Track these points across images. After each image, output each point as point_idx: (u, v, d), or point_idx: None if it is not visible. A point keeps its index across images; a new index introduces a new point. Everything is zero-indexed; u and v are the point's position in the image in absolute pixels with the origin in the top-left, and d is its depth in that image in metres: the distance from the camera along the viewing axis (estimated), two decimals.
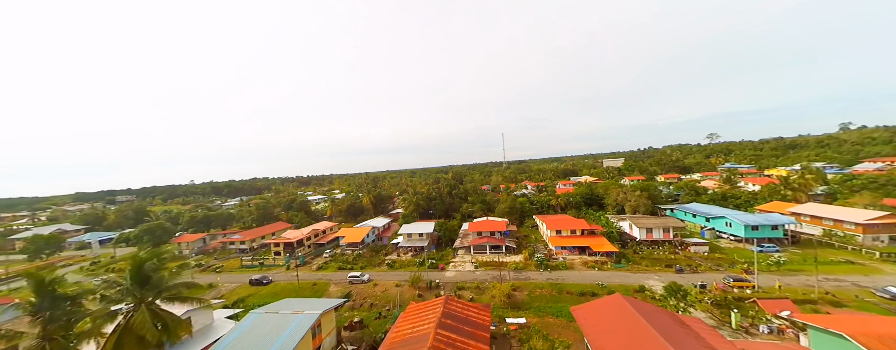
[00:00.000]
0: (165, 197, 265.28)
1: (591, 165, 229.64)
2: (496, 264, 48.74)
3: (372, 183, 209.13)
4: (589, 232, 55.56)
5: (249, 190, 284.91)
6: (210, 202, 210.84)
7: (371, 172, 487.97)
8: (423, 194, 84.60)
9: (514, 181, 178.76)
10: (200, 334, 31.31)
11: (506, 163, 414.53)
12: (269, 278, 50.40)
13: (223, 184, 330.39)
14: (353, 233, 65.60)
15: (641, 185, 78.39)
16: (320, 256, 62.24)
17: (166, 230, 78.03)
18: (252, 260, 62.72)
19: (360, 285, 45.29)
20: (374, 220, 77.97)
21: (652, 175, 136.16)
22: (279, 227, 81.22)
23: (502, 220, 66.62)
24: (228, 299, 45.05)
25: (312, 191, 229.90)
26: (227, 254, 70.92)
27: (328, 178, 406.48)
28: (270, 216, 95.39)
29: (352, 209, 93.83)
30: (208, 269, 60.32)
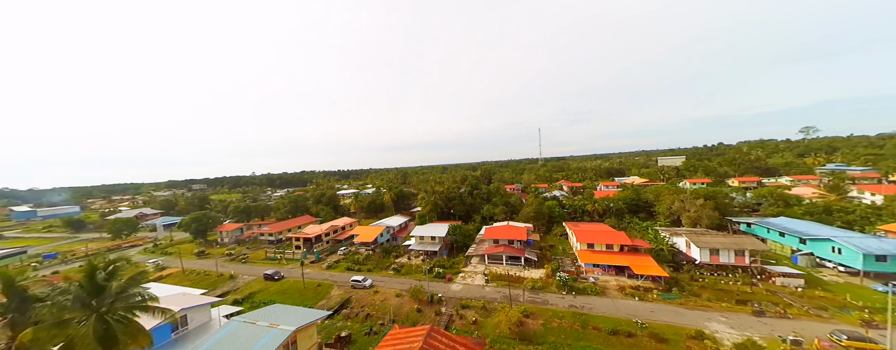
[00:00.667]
0: (231, 186, 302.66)
1: (642, 164, 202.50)
2: (511, 279, 42.38)
3: (401, 179, 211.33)
4: (631, 248, 45.75)
5: (296, 182, 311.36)
6: (263, 192, 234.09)
7: (405, 167, 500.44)
8: (442, 194, 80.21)
9: (549, 180, 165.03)
10: (195, 334, 31.27)
11: (542, 160, 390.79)
12: (281, 274, 50.88)
13: (276, 176, 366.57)
14: (367, 232, 64.12)
15: (706, 192, 63.37)
16: (335, 254, 61.99)
17: (212, 219, 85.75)
18: (275, 252, 65.06)
19: (362, 290, 42.83)
20: (391, 218, 76.08)
21: (721, 178, 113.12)
22: (305, 220, 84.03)
23: (524, 227, 59.15)
24: (242, 292, 46.19)
25: (347, 185, 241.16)
26: (258, 245, 75.15)
27: (366, 173, 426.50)
28: (302, 209, 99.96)
29: (373, 206, 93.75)
30: (236, 258, 63.99)
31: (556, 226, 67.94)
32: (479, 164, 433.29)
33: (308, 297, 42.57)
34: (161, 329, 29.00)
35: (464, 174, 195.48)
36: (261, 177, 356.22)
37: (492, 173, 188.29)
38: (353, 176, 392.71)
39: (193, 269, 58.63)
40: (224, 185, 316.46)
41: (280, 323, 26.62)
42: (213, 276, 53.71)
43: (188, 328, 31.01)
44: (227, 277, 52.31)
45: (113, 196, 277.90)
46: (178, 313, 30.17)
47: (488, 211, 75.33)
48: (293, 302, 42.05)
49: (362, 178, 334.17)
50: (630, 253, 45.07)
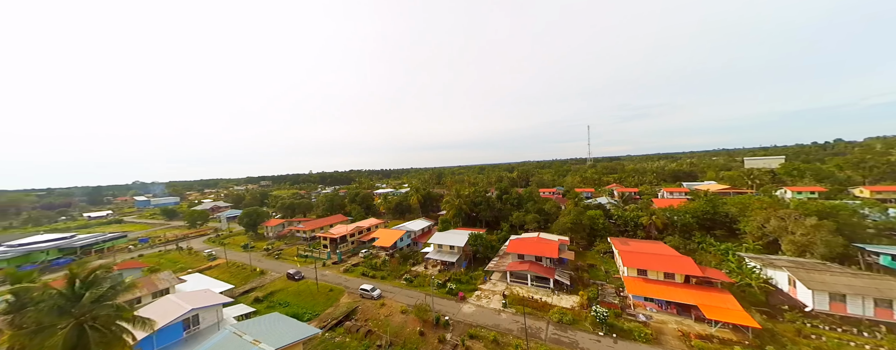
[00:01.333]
0: (291, 183, 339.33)
1: (720, 165, 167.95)
2: (534, 306, 35.69)
3: (435, 179, 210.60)
4: (701, 280, 35.03)
5: (343, 180, 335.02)
6: (313, 189, 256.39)
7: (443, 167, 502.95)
8: (467, 197, 74.87)
9: (597, 183, 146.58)
10: (205, 333, 32.03)
11: (591, 160, 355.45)
12: (301, 274, 51.78)
13: (328, 174, 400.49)
14: (387, 235, 62.48)
15: (823, 206, 46.29)
16: (357, 255, 61.72)
17: (261, 214, 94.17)
18: (304, 250, 67.69)
19: (369, 301, 40.52)
20: (414, 222, 73.60)
21: (841, 186, 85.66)
22: (337, 219, 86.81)
23: (557, 240, 50.75)
24: (266, 290, 47.81)
25: (386, 184, 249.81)
26: (294, 241, 79.71)
27: (406, 172, 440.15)
28: (337, 207, 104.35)
29: (400, 207, 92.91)
30: (272, 253, 68.18)
31: (600, 241, 57.48)
32: (519, 164, 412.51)
33: (318, 303, 41.84)
34: (173, 327, 30.04)
35: (499, 175, 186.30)
36: (315, 174, 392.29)
37: (529, 175, 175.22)
38: (393, 175, 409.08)
39: (236, 261, 63.88)
40: (286, 182, 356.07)
41: (265, 339, 25.10)
42: (247, 270, 57.42)
43: (199, 327, 31.85)
44: (258, 273, 55.29)
45: (206, 189, 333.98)
46: (189, 313, 31.17)
47: (518, 218, 67.82)
48: (304, 305, 41.75)
49: (401, 177, 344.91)
50: (700, 287, 34.44)
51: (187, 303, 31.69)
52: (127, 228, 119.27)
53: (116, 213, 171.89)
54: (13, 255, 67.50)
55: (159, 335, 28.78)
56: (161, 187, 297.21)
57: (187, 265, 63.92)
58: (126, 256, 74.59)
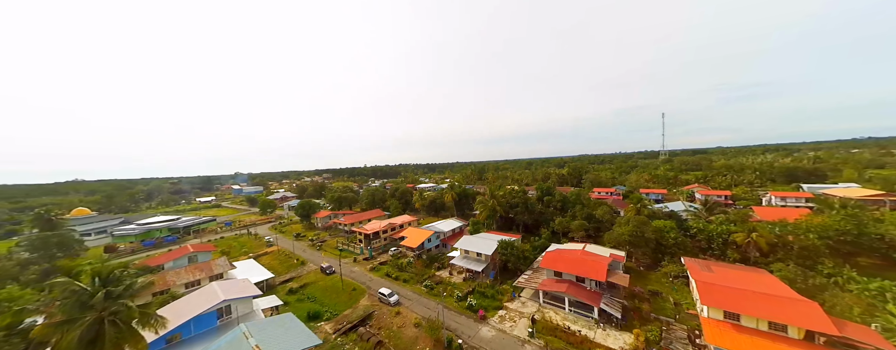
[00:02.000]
0: (348, 176, 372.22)
1: (865, 161, 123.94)
2: (570, 340, 29.15)
3: (476, 174, 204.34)
4: (837, 341, 23.70)
5: (392, 174, 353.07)
6: (365, 182, 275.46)
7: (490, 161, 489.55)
8: (502, 198, 68.21)
9: (672, 183, 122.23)
10: (237, 321, 34.29)
11: (665, 153, 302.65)
12: (333, 269, 53.58)
13: (379, 167, 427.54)
14: (415, 235, 60.76)
15: None
16: (387, 253, 61.77)
17: (313, 206, 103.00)
18: (343, 243, 70.92)
19: (386, 307, 38.99)
20: (445, 222, 70.47)
21: None
22: (375, 214, 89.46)
23: (609, 256, 41.65)
24: (300, 281, 50.61)
25: (430, 178, 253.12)
26: (337, 233, 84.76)
27: (450, 167, 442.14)
28: (379, 202, 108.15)
29: (434, 205, 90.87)
30: (315, 244, 73.19)
31: (670, 260, 45.75)
32: (575, 158, 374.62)
33: (340, 302, 42.11)
34: (209, 316, 32.73)
35: (546, 172, 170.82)
36: (368, 168, 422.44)
37: (583, 171, 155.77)
38: (438, 169, 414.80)
39: (286, 249, 70.32)
40: (344, 175, 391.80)
41: (268, 346, 24.90)
42: (292, 259, 62.30)
43: (232, 316, 34.26)
44: (299, 264, 59.35)
45: (284, 180, 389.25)
46: (221, 304, 33.54)
47: (561, 225, 59.05)
48: (328, 302, 42.47)
49: (445, 171, 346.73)
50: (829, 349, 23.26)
51: (223, 293, 34.28)
52: (221, 213, 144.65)
53: (218, 199, 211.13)
54: (139, 231, 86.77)
55: (196, 322, 31.62)
56: (244, 178, 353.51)
57: (249, 249, 72.79)
58: (213, 238, 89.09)
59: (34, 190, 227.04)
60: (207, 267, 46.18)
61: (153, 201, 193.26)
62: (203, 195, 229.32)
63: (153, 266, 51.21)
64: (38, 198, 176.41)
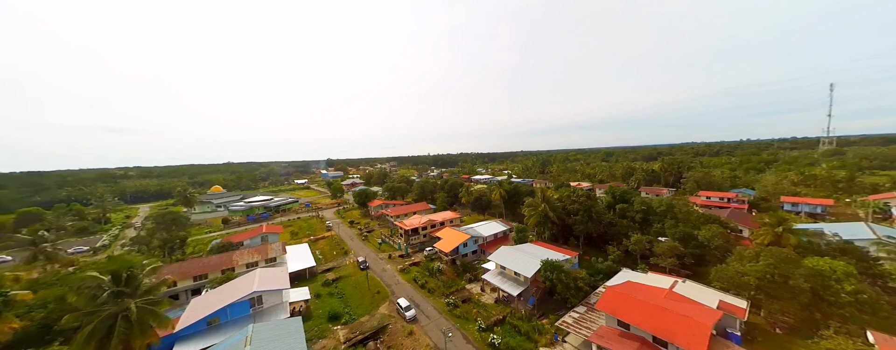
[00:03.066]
0: (412, 164, 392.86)
1: None
2: None
3: (539, 166, 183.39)
4: None
5: (451, 163, 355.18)
6: (425, 171, 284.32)
7: (559, 151, 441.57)
8: (558, 203, 55.59)
9: (847, 189, 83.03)
10: (268, 311, 36.10)
11: (829, 140, 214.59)
12: (367, 264, 53.52)
13: (441, 156, 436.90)
14: (451, 237, 55.38)
15: None
16: (422, 252, 58.80)
17: (369, 194, 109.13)
18: (386, 236, 71.59)
19: (401, 323, 35.37)
20: (486, 224, 62.51)
21: None
22: (420, 207, 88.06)
23: (715, 307, 27.50)
24: (338, 272, 52.04)
25: (487, 168, 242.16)
26: (385, 223, 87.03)
27: (512, 157, 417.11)
28: (427, 194, 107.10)
29: (480, 202, 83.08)
30: (362, 233, 76.14)
31: (839, 328, 27.86)
32: (677, 147, 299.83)
33: (363, 305, 40.71)
34: (242, 304, 35.08)
35: (629, 166, 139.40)
36: (430, 157, 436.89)
37: (683, 167, 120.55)
38: (499, 158, 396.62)
39: (339, 235, 75.37)
40: (408, 163, 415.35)
41: None
42: (338, 247, 65.76)
43: (263, 306, 36.15)
44: (342, 253, 61.94)
45: (361, 166, 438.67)
46: (252, 295, 35.45)
47: (639, 244, 44.23)
48: (352, 301, 41.63)
49: (505, 161, 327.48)
50: None
51: (256, 284, 36.34)
52: (308, 194, 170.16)
53: (309, 182, 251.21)
54: (244, 208, 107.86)
55: (232, 308, 34.18)
56: (323, 164, 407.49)
57: (312, 232, 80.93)
58: (293, 217, 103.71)
59: (199, 169, 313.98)
60: (264, 250, 51.52)
61: (266, 182, 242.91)
62: (300, 178, 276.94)
63: (235, 242, 60.88)
64: (198, 176, 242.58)
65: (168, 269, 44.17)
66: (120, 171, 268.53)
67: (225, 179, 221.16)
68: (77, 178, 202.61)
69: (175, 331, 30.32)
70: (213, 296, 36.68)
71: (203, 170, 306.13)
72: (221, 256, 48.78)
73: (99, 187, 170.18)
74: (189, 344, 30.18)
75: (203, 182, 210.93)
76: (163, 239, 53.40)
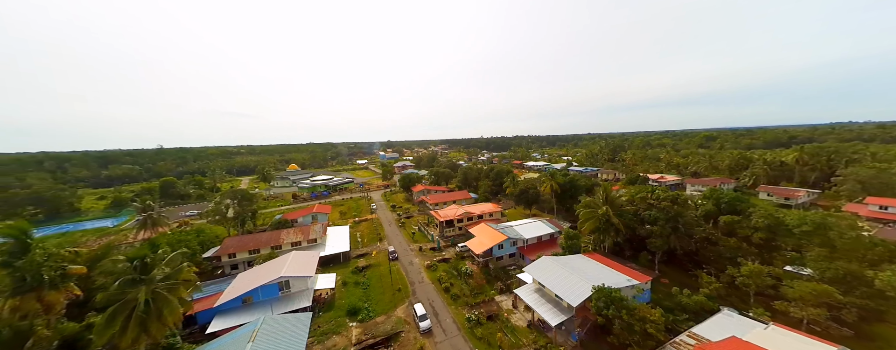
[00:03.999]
0: (463, 147, 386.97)
1: None
2: None
3: (608, 153, 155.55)
4: None
5: (505, 146, 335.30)
6: (475, 154, 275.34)
7: (631, 134, 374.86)
8: (627, 208, 42.44)
9: None
10: (295, 295, 37.12)
11: None
12: (396, 255, 51.90)
13: (494, 139, 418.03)
14: (483, 235, 48.86)
15: None
16: (454, 247, 54.37)
17: (413, 179, 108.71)
18: (422, 225, 69.48)
19: (413, 332, 31.87)
20: (530, 223, 53.11)
21: None
22: (460, 196, 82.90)
23: None
24: (369, 260, 51.67)
25: (544, 153, 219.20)
26: (426, 210, 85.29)
27: (577, 139, 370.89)
28: (470, 181, 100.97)
29: (526, 195, 72.40)
30: (400, 219, 75.66)
31: None
32: (824, 128, 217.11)
33: (383, 301, 38.80)
34: (271, 287, 36.51)
35: (744, 156, 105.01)
36: (483, 140, 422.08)
37: (841, 158, 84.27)
38: (560, 142, 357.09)
39: (379, 219, 76.78)
40: (459, 146, 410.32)
41: None
42: (376, 232, 66.42)
43: (291, 290, 37.22)
44: (377, 239, 62.10)
45: (416, 148, 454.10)
46: (278, 279, 36.49)
47: (755, 276, 30.34)
48: (374, 296, 40.24)
49: (565, 146, 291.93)
50: None
51: (285, 270, 37.31)
52: (364, 175, 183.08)
53: (368, 162, 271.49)
54: (309, 186, 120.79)
55: (264, 289, 35.90)
56: (378, 145, 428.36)
57: (357, 213, 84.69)
58: (347, 197, 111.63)
59: (287, 148, 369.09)
60: (307, 231, 54.40)
61: (334, 161, 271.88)
62: (362, 158, 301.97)
63: (290, 219, 66.92)
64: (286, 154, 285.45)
65: (230, 241, 50.11)
66: (234, 148, 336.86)
67: (303, 158, 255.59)
68: (206, 154, 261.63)
69: (215, 306, 33.03)
70: (252, 273, 39.41)
71: (290, 149, 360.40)
72: (272, 234, 53.27)
73: (217, 162, 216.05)
74: (225, 319, 32.60)
75: (289, 160, 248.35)
76: (236, 212, 61.48)
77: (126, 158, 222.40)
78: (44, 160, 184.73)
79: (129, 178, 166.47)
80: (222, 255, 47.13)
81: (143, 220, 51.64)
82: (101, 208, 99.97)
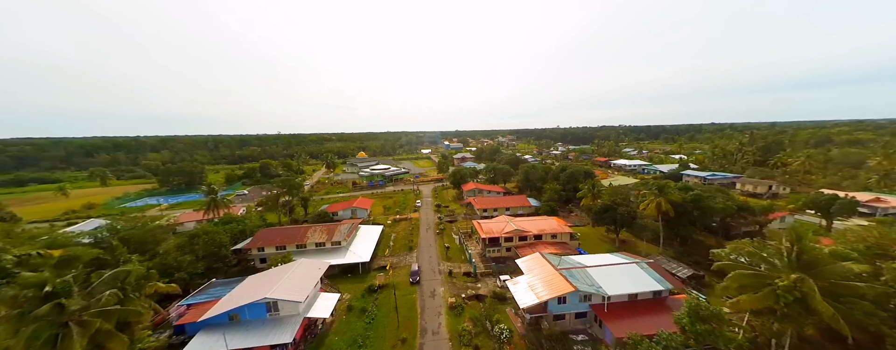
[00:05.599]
0: (535, 139, 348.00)
1: None
2: None
3: (758, 152, 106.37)
4: None
5: (587, 138, 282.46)
6: (548, 147, 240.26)
7: (788, 122, 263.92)
8: (852, 281, 18.69)
9: None
10: (283, 319, 30.72)
11: None
12: (418, 277, 41.18)
13: (575, 129, 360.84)
14: (537, 274, 32.37)
15: None
16: (494, 277, 39.92)
17: (464, 175, 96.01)
18: (463, 235, 56.95)
19: None
20: (621, 265, 32.87)
21: None
22: (515, 202, 66.18)
23: None
24: (386, 278, 42.26)
25: (638, 149, 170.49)
26: (472, 214, 71.99)
27: (694, 131, 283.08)
28: (532, 183, 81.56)
29: (611, 215, 48.30)
30: (442, 222, 64.66)
31: None
32: None
33: (385, 346, 28.54)
34: (259, 306, 30.86)
35: None
36: (558, 131, 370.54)
37: None
38: (667, 134, 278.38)
39: (418, 218, 67.93)
40: (531, 137, 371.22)
41: None
42: (408, 237, 57.39)
43: (279, 313, 31.00)
44: (408, 248, 52.80)
45: (482, 138, 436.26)
46: (264, 300, 30.32)
47: None
48: (376, 332, 30.78)
49: (681, 138, 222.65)
50: None
51: (273, 292, 30.84)
52: (425, 164, 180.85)
53: (432, 152, 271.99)
54: (368, 174, 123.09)
55: (250, 308, 30.47)
56: (438, 135, 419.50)
57: (400, 210, 78.04)
58: (399, 188, 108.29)
59: (367, 136, 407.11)
60: (332, 231, 49.25)
61: (402, 150, 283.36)
62: (426, 148, 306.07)
63: (331, 212, 64.74)
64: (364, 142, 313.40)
65: (263, 233, 48.99)
66: (327, 135, 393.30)
67: (375, 146, 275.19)
68: (307, 139, 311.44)
69: (201, 319, 29.08)
70: (254, 281, 35.05)
71: (369, 137, 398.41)
72: (298, 229, 50.13)
73: (309, 147, 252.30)
74: (209, 336, 28.36)
75: (364, 147, 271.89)
76: (284, 201, 62.41)
77: (255, 141, 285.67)
78: (207, 141, 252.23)
79: (252, 158, 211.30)
80: (252, 247, 45.90)
81: (208, 203, 56.19)
82: (220, 182, 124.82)
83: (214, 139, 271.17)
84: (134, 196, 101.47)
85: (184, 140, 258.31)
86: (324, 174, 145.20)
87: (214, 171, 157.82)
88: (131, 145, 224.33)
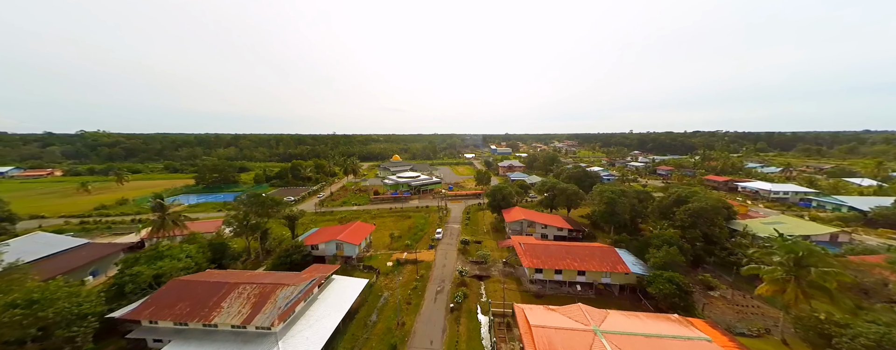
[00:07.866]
0: (601, 144, 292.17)
1: None
2: None
3: None
4: None
5: (676, 146, 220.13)
6: (624, 156, 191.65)
7: None
8: None
9: None
10: None
11: None
12: None
13: (654, 135, 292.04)
14: None
15: None
16: None
17: (507, 196, 68.81)
18: (493, 315, 31.21)
19: None
20: None
21: None
22: (602, 260, 36.87)
23: None
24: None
25: (764, 160, 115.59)
26: (516, 265, 45.09)
27: (857, 140, 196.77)
28: (619, 214, 50.23)
29: None
30: (465, 277, 39.84)
31: None
32: None
33: None
34: None
35: None
36: (632, 135, 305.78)
37: None
38: (802, 143, 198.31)
39: (430, 263, 44.55)
40: (596, 142, 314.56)
41: None
42: (408, 301, 34.24)
43: None
44: (399, 327, 29.45)
45: (535, 143, 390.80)
46: None
47: None
48: None
49: (839, 146, 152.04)
50: None
51: None
52: (464, 171, 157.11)
53: (475, 157, 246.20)
54: (392, 182, 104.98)
55: None
56: (480, 139, 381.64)
57: (412, 238, 55.06)
58: (424, 204, 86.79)
59: (409, 138, 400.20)
60: (261, 301, 28.97)
61: (444, 153, 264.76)
62: (470, 152, 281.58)
63: (308, 245, 45.97)
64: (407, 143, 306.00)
65: (168, 287, 31.43)
66: (375, 136, 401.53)
67: (416, 149, 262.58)
68: (355, 140, 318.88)
69: None
70: None
71: (416, 138, 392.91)
72: (212, 289, 30.63)
73: (356, 147, 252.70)
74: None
75: (407, 149, 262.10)
76: (255, 223, 46.02)
77: (310, 140, 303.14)
78: (270, 139, 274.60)
79: (301, 156, 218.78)
80: (142, 318, 28.22)
81: (157, 221, 42.50)
82: (250, 180, 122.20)
83: (276, 137, 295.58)
84: (169, 192, 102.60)
85: (250, 137, 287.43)
86: (352, 179, 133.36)
87: (262, 168, 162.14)
88: (211, 141, 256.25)
